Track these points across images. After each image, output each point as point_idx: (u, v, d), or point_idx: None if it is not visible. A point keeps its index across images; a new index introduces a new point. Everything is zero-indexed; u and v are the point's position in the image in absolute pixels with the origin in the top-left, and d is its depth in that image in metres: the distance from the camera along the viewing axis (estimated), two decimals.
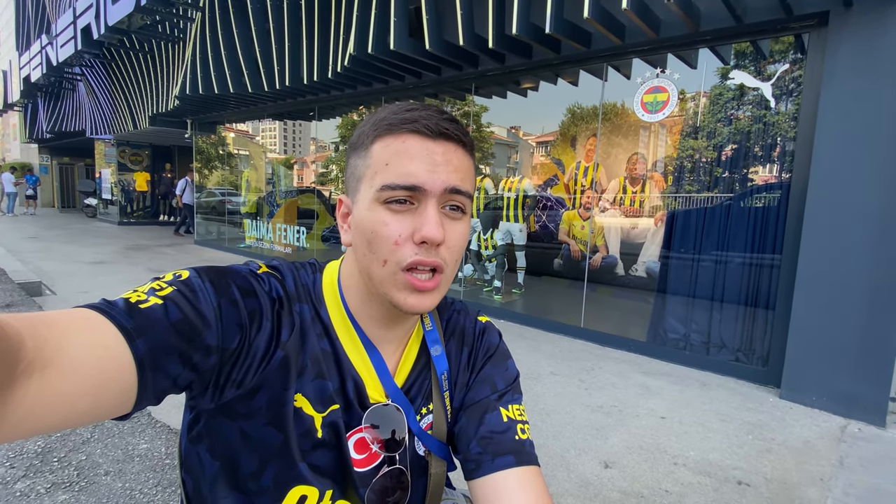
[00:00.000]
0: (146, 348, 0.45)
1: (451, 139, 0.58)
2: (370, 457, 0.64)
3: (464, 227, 0.60)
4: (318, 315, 0.63)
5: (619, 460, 2.33)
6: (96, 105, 10.86)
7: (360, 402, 0.64)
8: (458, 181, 0.57)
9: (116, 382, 0.43)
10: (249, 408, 0.56)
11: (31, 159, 19.12)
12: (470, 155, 0.61)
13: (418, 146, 0.57)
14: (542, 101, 5.33)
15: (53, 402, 0.38)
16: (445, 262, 0.58)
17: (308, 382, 0.60)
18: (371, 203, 0.57)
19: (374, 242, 0.57)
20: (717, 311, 3.68)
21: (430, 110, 0.58)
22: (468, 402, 0.68)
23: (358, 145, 0.61)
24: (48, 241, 9.28)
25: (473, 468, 0.62)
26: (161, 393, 0.48)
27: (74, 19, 7.94)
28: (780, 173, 3.50)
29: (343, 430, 0.62)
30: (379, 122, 0.59)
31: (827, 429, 2.77)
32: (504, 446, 0.62)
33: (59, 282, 5.72)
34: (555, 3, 3.38)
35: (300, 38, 5.23)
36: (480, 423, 0.65)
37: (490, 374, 0.71)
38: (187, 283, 0.52)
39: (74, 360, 0.40)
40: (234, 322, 0.53)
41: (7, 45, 18.85)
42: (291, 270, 0.65)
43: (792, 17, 3.08)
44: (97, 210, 15.15)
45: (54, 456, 2.09)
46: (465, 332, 0.74)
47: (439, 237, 0.55)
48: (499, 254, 5.42)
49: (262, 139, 10.83)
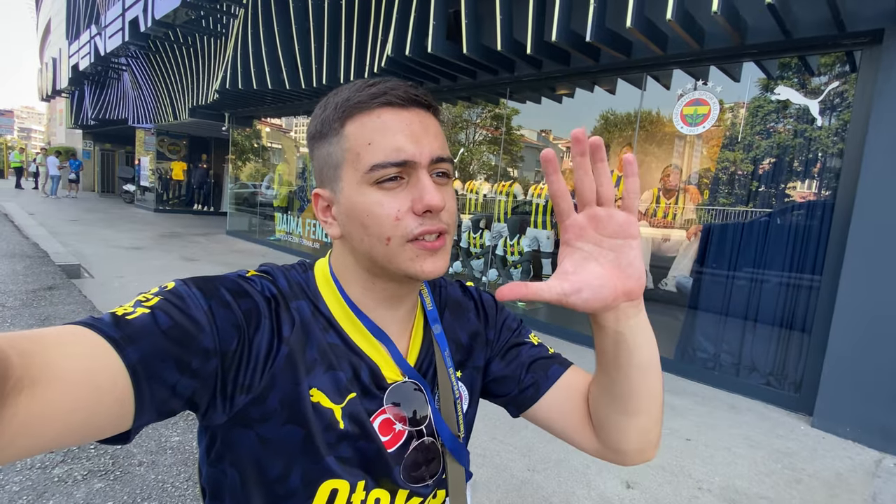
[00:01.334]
0: (138, 356, 0.44)
1: (422, 105, 0.58)
2: (396, 435, 0.64)
3: (452, 191, 0.61)
4: (318, 310, 0.63)
5: (642, 481, 2.29)
6: (139, 95, 11.22)
7: (378, 384, 0.63)
8: (440, 149, 0.58)
9: (110, 394, 0.41)
10: (264, 411, 0.55)
11: (74, 144, 19.86)
12: (438, 119, 0.61)
13: (395, 118, 0.56)
14: (575, 107, 5.27)
15: (46, 419, 0.37)
16: (447, 225, 0.59)
17: (321, 376, 0.59)
18: (359, 186, 0.56)
19: (371, 225, 0.56)
20: (750, 332, 3.58)
21: (392, 81, 0.58)
22: (500, 349, 0.75)
23: (325, 132, 0.59)
24: (88, 225, 9.63)
25: (533, 392, 0.71)
26: (162, 405, 0.46)
27: (123, 11, 8.22)
28: (822, 191, 3.39)
29: (365, 416, 0.61)
30: (343, 102, 0.58)
31: (860, 462, 2.67)
32: (547, 362, 0.73)
33: (97, 265, 5.93)
34: (597, 12, 3.34)
35: (339, 37, 5.30)
36: (519, 356, 0.74)
37: (501, 319, 0.78)
38: (174, 292, 0.51)
39: (64, 373, 0.39)
40: (229, 323, 0.52)
41: (57, 33, 19.61)
42: (282, 272, 0.65)
43: (844, 34, 2.97)
44: (135, 196, 15.65)
45: (91, 443, 2.17)
46: (459, 300, 0.77)
47: (441, 203, 0.56)
48: (525, 260, 5.38)
49: (294, 133, 11.01)
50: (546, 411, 0.71)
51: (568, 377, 0.72)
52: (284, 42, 5.91)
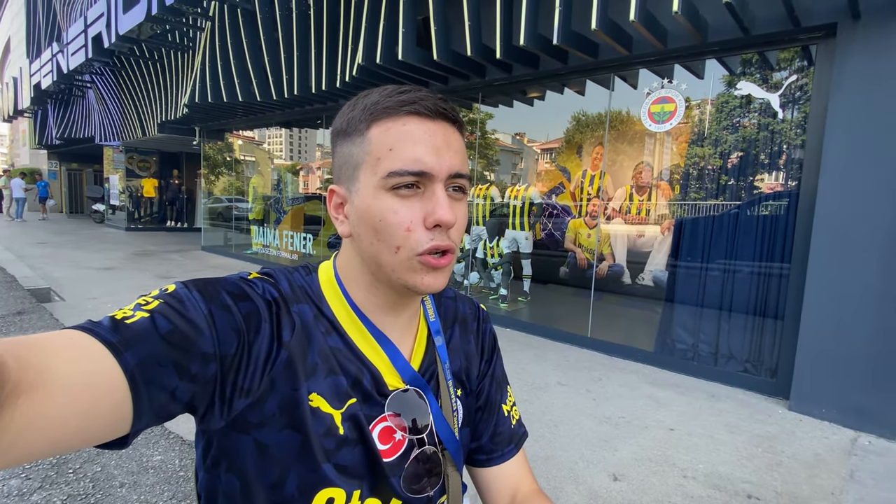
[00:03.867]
0: (135, 361, 0.43)
1: (448, 119, 0.59)
2: (396, 444, 0.64)
3: (465, 207, 0.62)
4: (322, 312, 0.62)
5: (628, 473, 2.33)
6: (105, 112, 10.97)
7: (379, 391, 0.63)
8: (460, 165, 0.58)
9: (107, 399, 0.41)
10: (262, 415, 0.55)
11: (39, 165, 19.27)
12: (462, 134, 0.62)
13: (420, 129, 0.57)
14: (547, 109, 5.35)
15: (43, 424, 0.37)
16: (455, 243, 0.59)
17: (321, 381, 0.59)
18: (375, 190, 0.57)
19: (383, 231, 0.57)
20: (725, 321, 3.67)
21: (423, 91, 0.58)
22: (485, 400, 0.77)
23: (350, 131, 0.60)
24: (57, 247, 9.35)
25: (485, 459, 0.76)
26: (160, 409, 0.46)
27: (86, 28, 8.03)
28: (788, 182, 3.50)
29: (364, 422, 0.61)
30: (372, 105, 0.58)
31: (837, 442, 2.75)
32: (507, 437, 0.77)
33: (68, 288, 5.76)
34: (562, 15, 3.40)
35: (308, 47, 5.28)
36: (492, 417, 0.77)
37: (499, 370, 0.80)
38: (174, 295, 0.51)
39: (61, 378, 0.38)
40: (229, 327, 0.52)
41: (17, 52, 19.08)
42: (285, 274, 0.65)
43: (800, 29, 3.09)
44: (105, 216, 15.26)
45: (70, 467, 2.11)
46: (468, 319, 0.78)
47: (453, 220, 0.56)
48: (505, 262, 5.42)
49: (268, 145, 10.91)
50: (482, 481, 0.77)
51: (514, 465, 0.77)
52: (253, 53, 5.87)
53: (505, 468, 0.76)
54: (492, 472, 0.76)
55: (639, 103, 3.99)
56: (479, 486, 0.77)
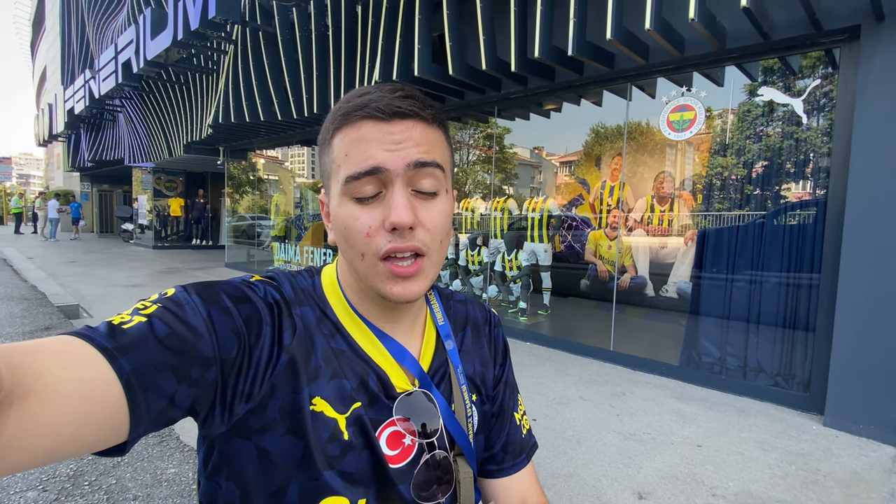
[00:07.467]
0: (131, 367, 0.42)
1: (408, 117, 0.55)
2: (405, 450, 0.61)
3: (441, 204, 0.58)
4: (325, 315, 0.61)
5: (654, 491, 2.24)
6: (134, 134, 11.35)
7: (387, 393, 0.61)
8: (421, 153, 0.55)
9: (102, 405, 0.40)
10: (263, 420, 0.54)
11: (73, 187, 20.02)
12: (435, 126, 0.58)
13: (373, 131, 0.54)
14: (565, 122, 5.33)
15: (37, 432, 0.36)
16: (426, 245, 0.56)
17: (325, 384, 0.57)
18: (340, 198, 0.56)
19: (349, 238, 0.56)
20: (754, 334, 3.55)
21: (383, 90, 0.56)
22: (499, 407, 0.75)
23: (322, 142, 0.60)
24: (86, 266, 9.63)
25: (495, 469, 0.73)
26: (159, 415, 0.45)
27: (116, 54, 8.36)
28: (815, 189, 3.40)
29: (370, 427, 0.59)
30: (334, 113, 0.57)
31: (876, 459, 2.61)
32: (518, 447, 0.75)
33: (96, 305, 5.91)
34: (577, 26, 3.40)
35: (327, 66, 5.38)
36: (505, 426, 0.75)
37: (511, 376, 0.78)
38: (173, 299, 0.51)
39: (54, 385, 0.38)
40: (229, 330, 0.51)
41: (53, 79, 19.97)
42: (288, 277, 0.64)
43: (822, 33, 3.02)
44: (133, 234, 15.70)
45: (85, 480, 2.13)
46: (479, 323, 0.76)
47: (408, 220, 0.53)
48: (524, 274, 5.37)
49: (290, 164, 11.10)
50: (490, 492, 0.75)
51: (523, 476, 0.75)
52: (274, 74, 6.01)
53: (515, 479, 0.73)
54: (501, 483, 0.73)
55: (657, 113, 3.94)
56: (486, 497, 0.75)
